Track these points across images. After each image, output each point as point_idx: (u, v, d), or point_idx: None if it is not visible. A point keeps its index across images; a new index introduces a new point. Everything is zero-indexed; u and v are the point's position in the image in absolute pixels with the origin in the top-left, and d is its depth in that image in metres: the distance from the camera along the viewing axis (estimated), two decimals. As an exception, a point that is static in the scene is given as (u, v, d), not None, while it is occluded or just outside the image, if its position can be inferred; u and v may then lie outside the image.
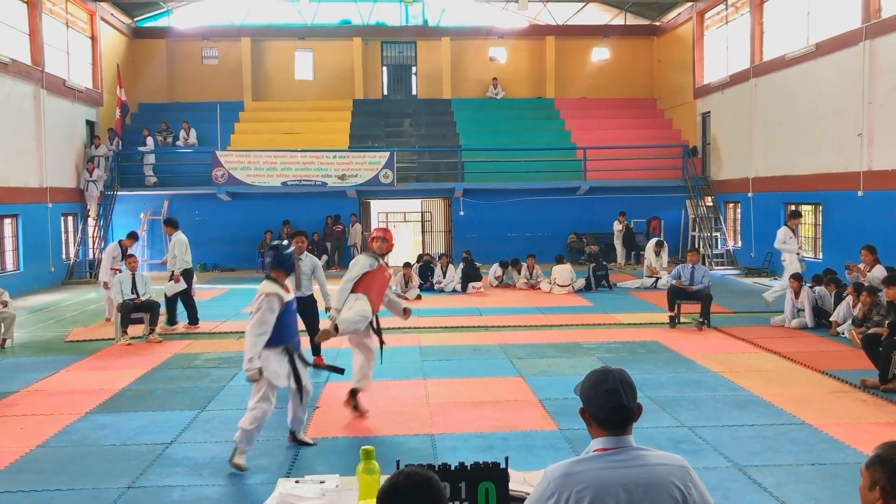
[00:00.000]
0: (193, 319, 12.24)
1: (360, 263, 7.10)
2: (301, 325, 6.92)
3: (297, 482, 3.56)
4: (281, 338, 5.89)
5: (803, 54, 17.14)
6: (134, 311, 11.19)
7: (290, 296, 6.05)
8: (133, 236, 13.08)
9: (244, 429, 5.77)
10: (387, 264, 7.30)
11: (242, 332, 11.48)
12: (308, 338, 8.25)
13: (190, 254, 12.30)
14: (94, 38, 22.01)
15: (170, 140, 23.01)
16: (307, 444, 6.31)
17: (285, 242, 6.35)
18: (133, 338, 10.99)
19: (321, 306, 8.99)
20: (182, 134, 23.03)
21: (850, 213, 15.60)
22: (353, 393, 7.16)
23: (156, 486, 5.53)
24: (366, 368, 7.20)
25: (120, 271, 11.99)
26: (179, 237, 12.24)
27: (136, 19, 25.32)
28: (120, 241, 12.99)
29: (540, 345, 10.51)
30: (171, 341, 11.10)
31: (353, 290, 7.00)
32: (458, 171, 22.53)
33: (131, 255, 11.88)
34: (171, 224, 12.59)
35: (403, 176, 22.22)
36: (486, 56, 26.67)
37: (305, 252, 9.12)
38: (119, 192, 21.16)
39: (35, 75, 18.11)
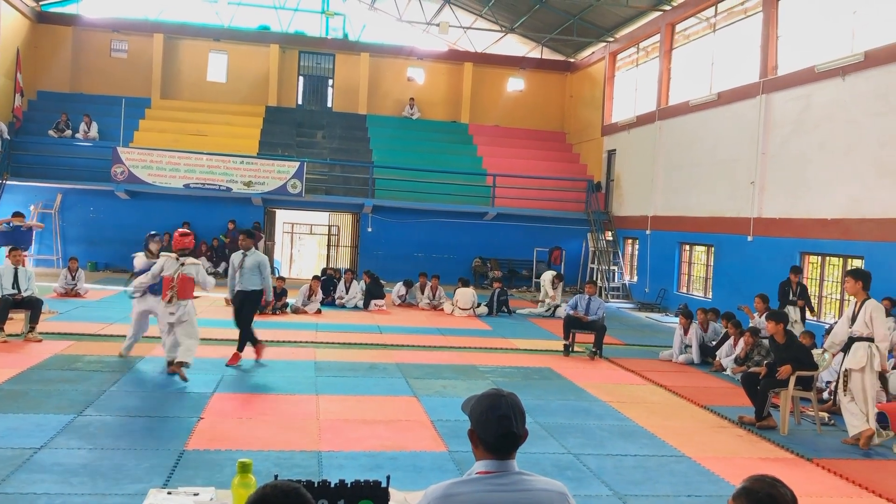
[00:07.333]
0: None
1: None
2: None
3: (169, 493, 3.42)
4: None
5: (705, 102, 17.96)
6: (14, 307, 10.62)
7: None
8: (18, 215, 13.70)
9: None
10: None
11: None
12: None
13: None
14: (-7, 18, 20.91)
15: (67, 134, 22.01)
16: None
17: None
18: (10, 335, 10.40)
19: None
20: (83, 127, 22.11)
21: (739, 256, 16.37)
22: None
23: (19, 492, 5.20)
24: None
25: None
26: None
27: (41, 3, 24.20)
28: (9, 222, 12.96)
29: (437, 365, 10.52)
30: (53, 341, 10.53)
31: None
32: (368, 187, 22.45)
33: (15, 249, 11.26)
34: None
35: (312, 188, 21.96)
36: (405, 76, 26.77)
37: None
38: (8, 182, 20.07)
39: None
